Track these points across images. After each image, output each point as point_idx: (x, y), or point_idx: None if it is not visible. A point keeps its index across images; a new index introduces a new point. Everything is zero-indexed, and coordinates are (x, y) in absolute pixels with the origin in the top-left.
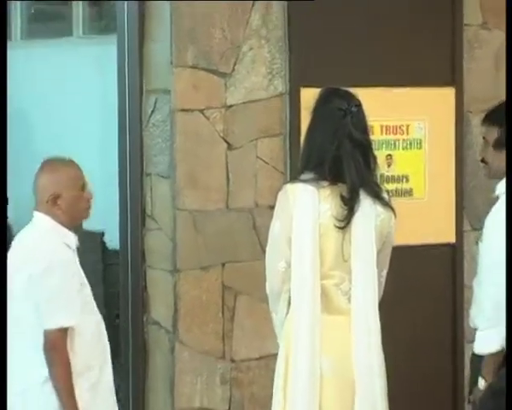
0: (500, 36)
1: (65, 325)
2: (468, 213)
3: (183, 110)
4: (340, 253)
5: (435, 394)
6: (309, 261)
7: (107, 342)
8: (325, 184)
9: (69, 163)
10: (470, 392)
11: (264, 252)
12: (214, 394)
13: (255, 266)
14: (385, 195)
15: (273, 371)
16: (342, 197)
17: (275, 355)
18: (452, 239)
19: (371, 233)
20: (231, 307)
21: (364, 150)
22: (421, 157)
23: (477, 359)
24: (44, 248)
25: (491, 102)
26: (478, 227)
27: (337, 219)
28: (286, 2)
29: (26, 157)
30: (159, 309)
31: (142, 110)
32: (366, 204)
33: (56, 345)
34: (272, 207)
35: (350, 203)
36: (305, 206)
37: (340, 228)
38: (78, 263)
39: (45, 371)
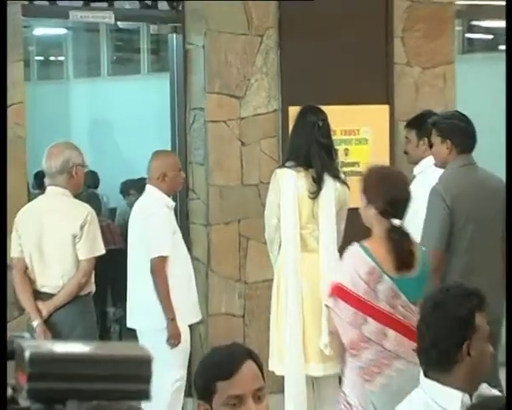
0: (417, 70)
1: (163, 254)
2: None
3: (212, 121)
4: (311, 212)
5: None
6: (292, 219)
7: (190, 266)
8: (301, 169)
9: (170, 153)
10: None
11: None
12: (234, 304)
13: (260, 222)
14: (342, 175)
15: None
16: (313, 178)
17: (273, 280)
18: None
19: (332, 200)
20: (244, 248)
21: (328, 148)
22: (367, 150)
23: None
24: (154, 207)
25: (412, 114)
26: None
27: (310, 192)
28: (279, 49)
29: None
30: (198, 250)
31: (186, 121)
32: (329, 182)
33: (157, 269)
34: (269, 183)
35: (317, 182)
36: (289, 183)
37: (312, 198)
38: (173, 217)
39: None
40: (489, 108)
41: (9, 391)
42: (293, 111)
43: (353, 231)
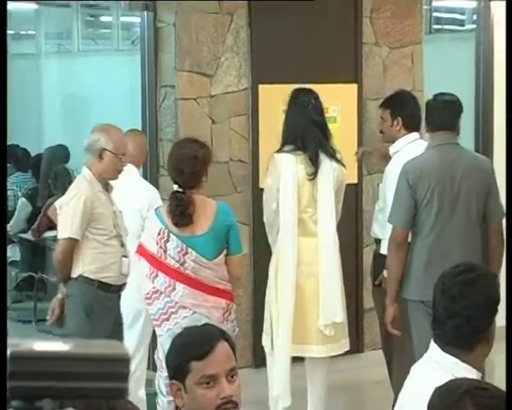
0: (386, 50)
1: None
2: (364, 164)
3: (182, 99)
4: (312, 196)
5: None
6: (291, 203)
7: None
8: (299, 152)
9: (140, 131)
10: (375, 279)
11: (235, 189)
12: None
13: (230, 198)
14: (338, 155)
15: None
16: (310, 159)
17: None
18: (355, 180)
19: (330, 182)
20: None
21: (322, 127)
22: (335, 128)
23: (381, 257)
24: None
25: (380, 93)
26: (372, 172)
27: (308, 174)
28: (249, 28)
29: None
30: None
31: (156, 98)
32: (326, 163)
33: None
34: (240, 161)
35: (314, 162)
36: (288, 168)
37: (310, 180)
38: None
39: None
40: (456, 88)
41: None
42: (263, 89)
43: None
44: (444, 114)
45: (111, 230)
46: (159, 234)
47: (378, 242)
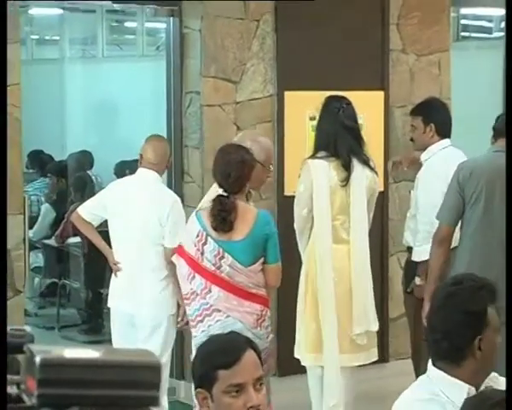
0: (413, 58)
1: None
2: (392, 175)
3: (208, 105)
4: (344, 203)
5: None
6: (325, 210)
7: None
8: (332, 159)
9: (165, 138)
10: (407, 286)
11: (260, 196)
12: None
13: (254, 204)
14: (371, 163)
15: None
16: (342, 166)
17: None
18: (381, 188)
19: (363, 189)
20: None
21: (355, 133)
22: (363, 135)
23: (413, 264)
24: (171, 194)
25: (407, 101)
26: (398, 180)
27: (340, 180)
28: (275, 34)
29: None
30: None
31: (182, 104)
32: (359, 169)
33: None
34: None
35: (346, 167)
36: (321, 174)
37: (342, 186)
38: None
39: None
40: (483, 95)
41: (15, 389)
42: (289, 96)
43: None
44: (502, 123)
45: None
46: (197, 236)
47: (410, 249)
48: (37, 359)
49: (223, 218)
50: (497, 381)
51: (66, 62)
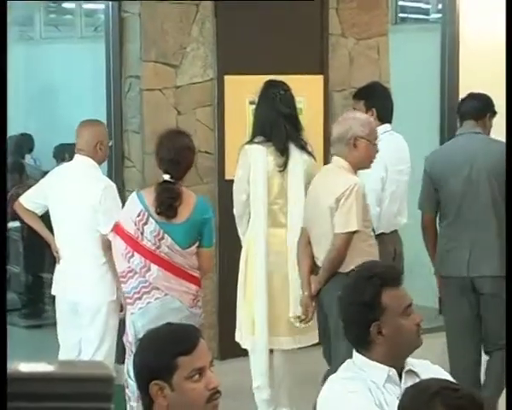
0: (352, 41)
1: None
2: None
3: (148, 89)
4: (282, 187)
5: None
6: (261, 194)
7: None
8: (269, 144)
9: (101, 122)
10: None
11: (201, 180)
12: None
13: (195, 189)
14: (309, 147)
15: None
16: (279, 151)
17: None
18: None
19: (300, 174)
20: None
21: (292, 119)
22: (302, 119)
23: None
24: (104, 179)
25: (346, 85)
26: None
27: (278, 165)
28: (215, 18)
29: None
30: None
31: (121, 89)
32: (296, 154)
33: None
34: (206, 152)
35: (283, 153)
36: (258, 159)
37: (280, 171)
38: None
39: None
40: (421, 79)
41: None
42: (229, 80)
43: None
44: (467, 105)
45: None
46: (138, 215)
47: None
48: None
49: (169, 204)
50: (432, 368)
51: None
